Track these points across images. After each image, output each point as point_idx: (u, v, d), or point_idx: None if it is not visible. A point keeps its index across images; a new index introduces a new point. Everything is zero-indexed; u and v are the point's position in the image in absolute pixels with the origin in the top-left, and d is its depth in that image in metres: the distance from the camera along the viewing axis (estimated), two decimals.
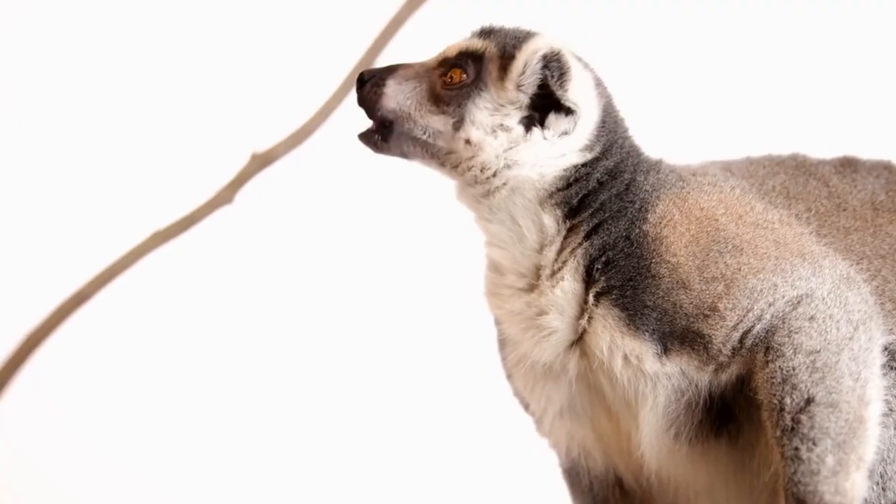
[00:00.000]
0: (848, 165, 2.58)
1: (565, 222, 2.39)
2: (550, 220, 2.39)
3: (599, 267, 2.36)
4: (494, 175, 2.39)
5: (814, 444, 2.22)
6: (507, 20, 3.96)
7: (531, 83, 2.37)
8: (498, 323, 2.54)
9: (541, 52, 2.37)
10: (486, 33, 2.46)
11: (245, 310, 4.10)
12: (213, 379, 4.07)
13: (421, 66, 2.44)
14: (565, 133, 2.38)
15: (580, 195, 2.39)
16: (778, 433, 2.24)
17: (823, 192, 2.51)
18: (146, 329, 4.08)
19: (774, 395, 2.25)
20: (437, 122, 2.39)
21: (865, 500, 2.27)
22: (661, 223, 2.36)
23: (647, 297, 2.32)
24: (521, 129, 2.38)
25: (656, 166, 2.46)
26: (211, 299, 4.10)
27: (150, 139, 4.11)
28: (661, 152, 2.54)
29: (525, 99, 2.38)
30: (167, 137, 4.11)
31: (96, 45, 4.14)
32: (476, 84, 2.39)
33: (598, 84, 2.45)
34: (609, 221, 2.38)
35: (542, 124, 2.38)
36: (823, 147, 2.66)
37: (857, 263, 2.41)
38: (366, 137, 2.43)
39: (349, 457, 4.06)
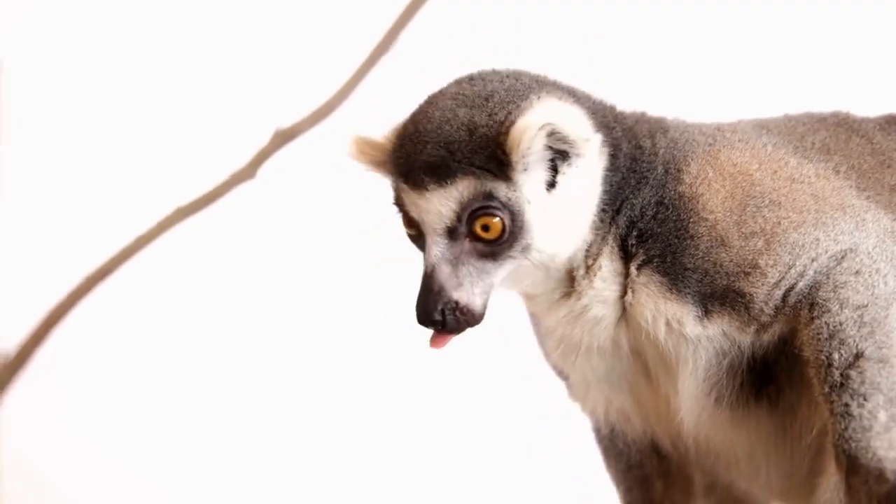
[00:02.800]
0: (893, 122, 2.51)
1: (602, 219, 2.32)
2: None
3: (633, 242, 2.31)
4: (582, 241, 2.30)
5: (865, 399, 2.16)
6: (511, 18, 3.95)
7: (542, 157, 2.23)
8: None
9: (542, 131, 2.20)
10: (446, 169, 2.21)
11: (267, 285, 4.10)
12: (233, 354, 4.08)
13: (445, 252, 2.23)
14: (578, 156, 2.25)
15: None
16: (826, 389, 2.19)
17: (867, 149, 2.45)
18: (168, 304, 4.09)
19: (822, 350, 2.20)
20: (508, 267, 2.25)
21: None
22: (696, 182, 2.30)
23: (686, 259, 2.27)
24: (551, 196, 2.24)
25: (661, 125, 2.39)
26: (233, 275, 4.10)
27: (174, 115, 4.12)
28: None
29: (542, 174, 2.24)
30: (191, 114, 4.12)
31: (121, 21, 4.16)
32: (514, 223, 2.21)
33: (558, 95, 2.30)
34: (630, 197, 2.32)
35: (557, 172, 2.25)
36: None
37: None
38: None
39: (368, 443, 4.06)
